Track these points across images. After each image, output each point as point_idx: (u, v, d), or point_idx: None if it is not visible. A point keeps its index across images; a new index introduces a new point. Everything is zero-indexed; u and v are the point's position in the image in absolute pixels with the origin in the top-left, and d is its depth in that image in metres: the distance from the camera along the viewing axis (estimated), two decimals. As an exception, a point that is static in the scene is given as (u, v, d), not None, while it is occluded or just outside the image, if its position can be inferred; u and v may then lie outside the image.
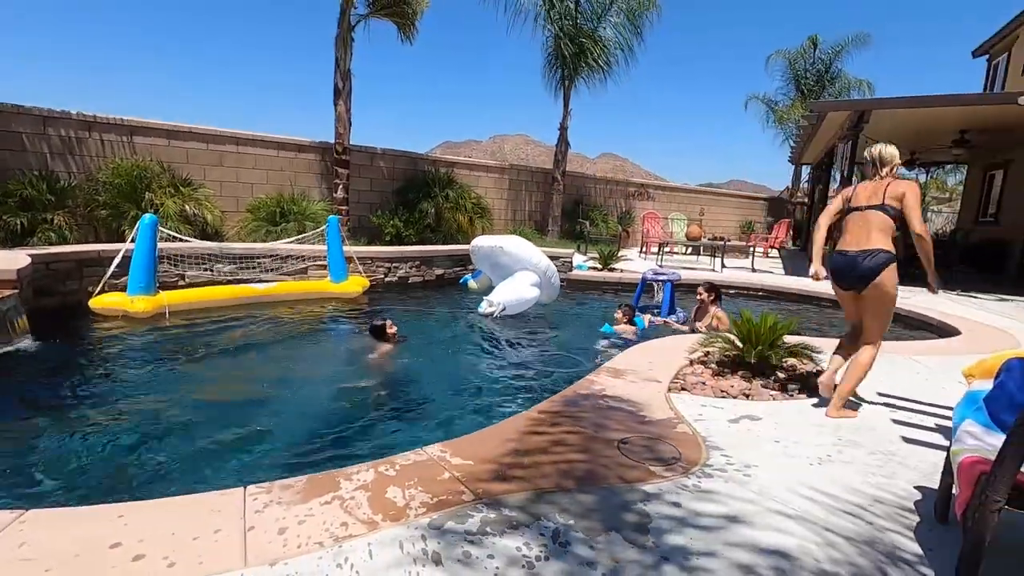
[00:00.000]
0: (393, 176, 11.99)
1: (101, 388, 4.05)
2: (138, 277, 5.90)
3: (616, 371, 3.78)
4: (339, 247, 7.49)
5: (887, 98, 10.20)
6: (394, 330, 5.37)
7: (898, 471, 2.52)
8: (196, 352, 4.95)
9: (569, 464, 2.39)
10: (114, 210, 7.89)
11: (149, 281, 5.96)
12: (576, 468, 2.35)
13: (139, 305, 5.79)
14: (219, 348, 5.13)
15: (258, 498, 2.00)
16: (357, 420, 3.67)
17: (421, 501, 2.03)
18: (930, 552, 1.90)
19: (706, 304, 6.17)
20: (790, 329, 3.97)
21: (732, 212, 21.93)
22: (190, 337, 5.41)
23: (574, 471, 2.33)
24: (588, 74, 13.64)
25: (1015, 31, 14.62)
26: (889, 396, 3.59)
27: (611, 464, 2.41)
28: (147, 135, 8.83)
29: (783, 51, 21.94)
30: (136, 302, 5.79)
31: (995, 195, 14.08)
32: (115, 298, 5.86)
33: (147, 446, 3.13)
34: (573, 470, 2.33)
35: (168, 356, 4.83)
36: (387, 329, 5.32)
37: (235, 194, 9.82)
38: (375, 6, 10.65)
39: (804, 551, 1.85)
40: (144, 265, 5.93)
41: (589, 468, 2.36)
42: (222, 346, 5.20)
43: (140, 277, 5.91)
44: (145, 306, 5.81)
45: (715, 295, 6.15)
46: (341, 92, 10.22)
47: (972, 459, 1.72)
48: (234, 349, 5.18)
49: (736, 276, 10.31)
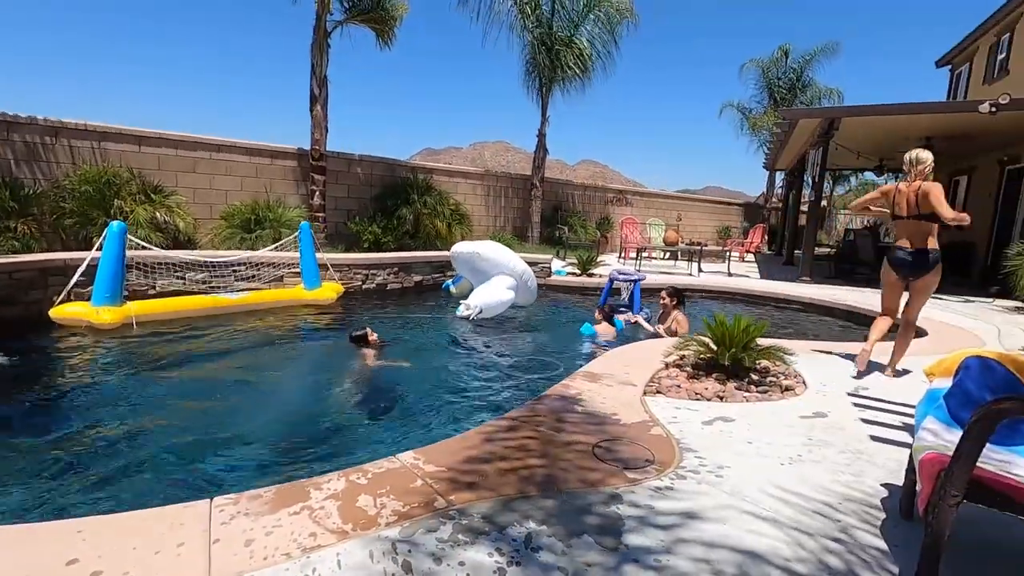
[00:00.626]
0: (371, 182, 11.91)
1: (63, 401, 3.93)
2: (104, 286, 5.64)
3: (592, 375, 3.79)
4: (312, 254, 7.40)
5: (856, 106, 10.48)
6: (375, 336, 5.34)
7: (866, 469, 2.56)
8: (164, 364, 4.82)
9: (541, 469, 2.38)
10: (82, 217, 7.70)
11: (115, 291, 5.73)
12: (548, 473, 2.35)
13: (105, 316, 5.55)
14: (188, 359, 5.01)
15: (225, 510, 1.95)
16: (333, 428, 3.63)
17: (392, 509, 2.00)
18: (896, 548, 1.94)
19: (668, 308, 6.31)
20: (762, 332, 4.03)
21: (709, 218, 22.26)
22: (157, 348, 5.26)
23: (546, 476, 2.32)
24: (564, 81, 13.76)
25: (975, 42, 15.17)
26: (858, 396, 3.66)
27: (584, 468, 2.41)
28: (117, 141, 8.64)
29: (756, 60, 22.41)
30: (102, 312, 5.56)
31: (960, 200, 14.54)
32: (78, 308, 5.63)
33: (111, 461, 3.03)
34: (545, 475, 2.33)
35: (134, 368, 4.69)
36: (368, 336, 5.29)
37: (209, 201, 9.65)
38: (352, 12, 10.61)
39: (774, 550, 1.87)
40: (111, 274, 5.68)
41: (562, 473, 2.36)
42: (191, 357, 5.08)
43: (106, 286, 5.65)
44: (111, 317, 5.58)
45: (677, 300, 6.30)
46: (317, 98, 10.15)
47: (932, 456, 1.75)
48: (203, 360, 5.06)
49: (712, 280, 10.45)
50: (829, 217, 28.42)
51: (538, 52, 13.31)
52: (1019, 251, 8.04)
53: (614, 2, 13.25)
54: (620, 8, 13.33)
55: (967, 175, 14.00)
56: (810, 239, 11.28)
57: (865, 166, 16.85)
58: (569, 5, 13.44)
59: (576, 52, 13.37)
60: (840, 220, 29.39)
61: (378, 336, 5.40)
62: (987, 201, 12.51)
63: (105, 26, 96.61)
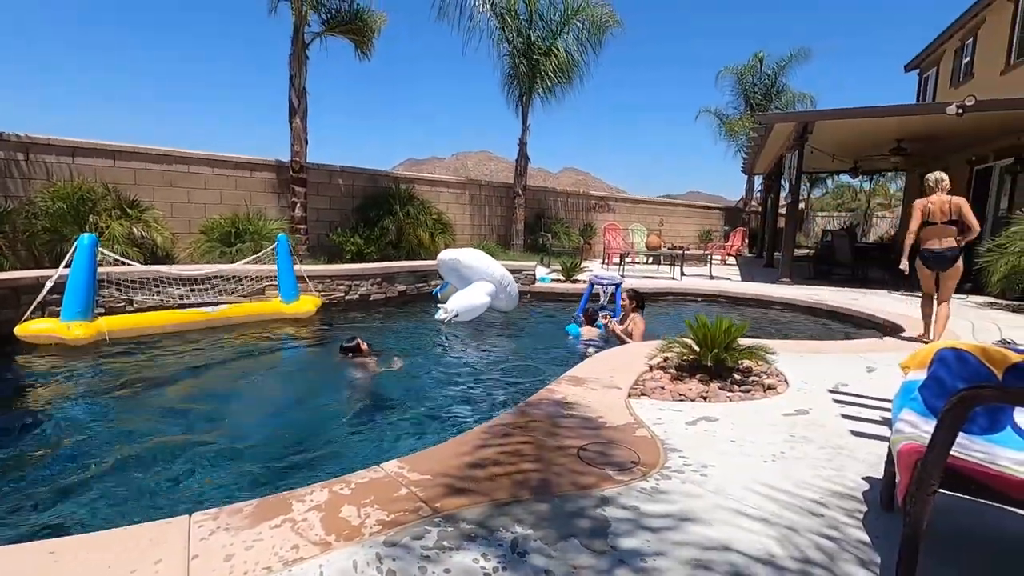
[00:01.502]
0: (353, 193, 11.86)
1: (33, 419, 3.82)
2: (74, 300, 5.42)
3: (577, 379, 3.79)
4: (289, 266, 7.30)
5: (828, 109, 10.72)
6: (365, 346, 5.33)
7: (847, 464, 2.60)
8: (137, 379, 4.70)
9: (527, 474, 2.37)
10: (55, 234, 7.54)
11: (87, 305, 5.52)
12: (534, 477, 2.34)
13: (76, 331, 5.33)
14: (163, 374, 4.89)
15: (204, 525, 1.91)
16: (318, 440, 3.59)
17: (377, 519, 1.98)
18: (877, 539, 1.96)
19: (627, 310, 6.49)
20: (744, 332, 4.08)
21: (690, 222, 22.52)
22: (130, 364, 5.13)
23: (532, 480, 2.31)
24: (544, 91, 13.87)
25: (941, 47, 15.63)
26: (838, 392, 3.71)
27: (569, 471, 2.40)
28: (90, 156, 8.50)
29: (732, 67, 22.84)
30: (73, 328, 5.34)
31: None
32: (46, 324, 5.39)
33: (83, 479, 2.96)
34: (531, 479, 2.32)
35: (106, 383, 4.57)
36: (360, 346, 5.27)
37: (187, 215, 9.53)
38: (330, 24, 10.61)
39: (760, 546, 1.88)
40: (81, 287, 5.46)
41: (547, 477, 2.35)
42: (166, 372, 4.96)
43: (77, 300, 5.43)
44: (83, 332, 5.36)
45: (637, 303, 6.48)
46: (296, 110, 10.10)
47: (909, 446, 1.78)
48: (179, 375, 4.93)
49: (695, 284, 10.56)
50: (807, 219, 28.93)
51: (518, 62, 13.42)
52: (990, 248, 8.25)
53: (594, 12, 13.42)
54: (601, 18, 13.48)
55: (938, 175, 14.34)
56: (789, 241, 11.47)
57: (841, 168, 17.22)
58: (547, 15, 13.59)
59: (555, 61, 13.50)
60: (818, 222, 29.94)
61: (368, 345, 5.37)
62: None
63: (72, 37, 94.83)
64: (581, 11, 13.40)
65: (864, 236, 25.70)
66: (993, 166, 11.44)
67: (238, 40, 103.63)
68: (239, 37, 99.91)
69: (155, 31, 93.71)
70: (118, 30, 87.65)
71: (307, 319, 7.30)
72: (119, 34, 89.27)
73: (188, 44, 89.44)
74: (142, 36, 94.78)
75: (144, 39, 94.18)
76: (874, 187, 30.64)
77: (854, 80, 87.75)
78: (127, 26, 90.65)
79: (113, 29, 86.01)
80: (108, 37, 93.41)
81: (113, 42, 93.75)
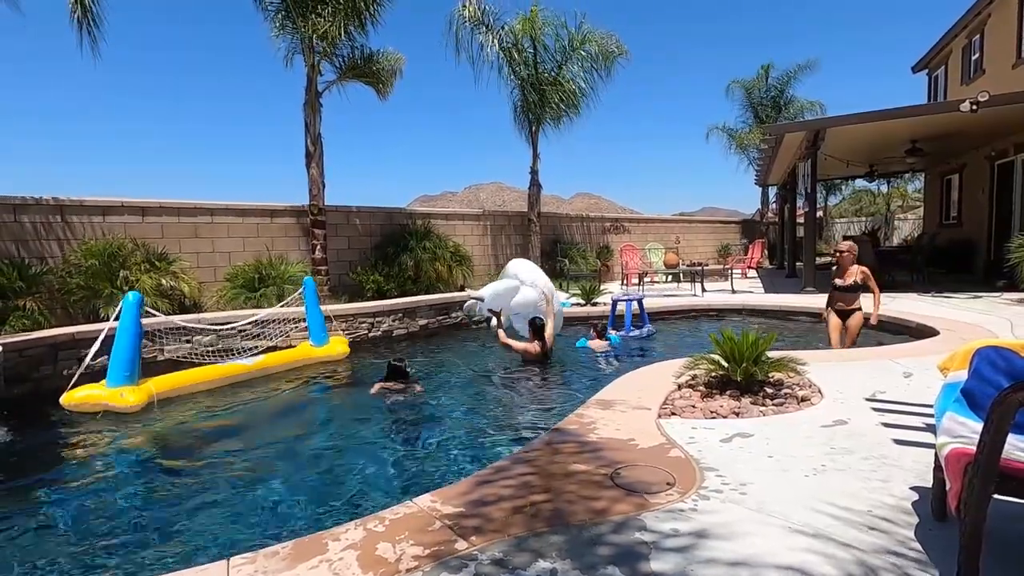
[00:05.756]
0: (370, 232, 12.08)
1: (74, 473, 3.89)
2: (122, 365, 5.17)
3: (605, 402, 3.74)
4: (317, 309, 7.32)
5: (839, 116, 10.65)
6: (411, 371, 5.52)
7: (893, 474, 2.50)
8: (180, 437, 4.70)
9: (563, 501, 2.33)
10: (89, 291, 7.79)
11: (134, 368, 5.28)
12: (569, 505, 2.30)
13: (128, 398, 5.07)
14: (204, 431, 4.83)
15: (242, 570, 1.91)
16: (350, 475, 3.61)
17: (413, 555, 1.96)
18: (933, 551, 1.88)
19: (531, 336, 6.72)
20: (771, 343, 4.00)
21: (707, 237, 22.36)
22: (170, 423, 5.04)
23: (566, 509, 2.27)
24: (553, 119, 14.08)
25: (947, 46, 15.55)
26: (876, 401, 3.60)
27: (606, 497, 2.36)
28: (120, 214, 8.84)
29: (740, 80, 22.94)
30: (125, 395, 5.09)
31: (954, 198, 14.61)
32: (95, 391, 5.14)
33: (121, 531, 2.99)
34: (565, 508, 2.28)
35: (149, 443, 4.56)
36: (406, 369, 5.51)
37: (212, 264, 9.78)
38: (344, 71, 10.99)
39: (809, 564, 1.81)
40: (128, 350, 5.23)
41: (584, 503, 2.31)
42: (206, 429, 4.89)
43: (124, 365, 5.18)
44: (136, 399, 5.10)
45: (532, 331, 6.62)
46: (313, 155, 10.40)
47: (957, 450, 1.72)
48: (211, 429, 4.88)
49: (717, 299, 10.44)
50: (826, 227, 28.51)
51: (528, 92, 13.70)
52: (1020, 243, 8.02)
53: (601, 42, 13.68)
54: (607, 48, 13.74)
55: (958, 173, 14.11)
56: (809, 250, 11.30)
57: (856, 173, 17.01)
58: (552, 47, 13.90)
59: (562, 91, 13.73)
60: (837, 228, 29.47)
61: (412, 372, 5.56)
62: (981, 196, 12.56)
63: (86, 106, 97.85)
64: (587, 41, 13.68)
65: (887, 239, 25.19)
66: (1014, 160, 11.20)
67: (253, 90, 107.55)
68: (254, 87, 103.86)
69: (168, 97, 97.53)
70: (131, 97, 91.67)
71: (339, 361, 7.24)
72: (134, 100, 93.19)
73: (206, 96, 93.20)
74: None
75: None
76: (892, 190, 30.17)
77: (864, 84, 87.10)
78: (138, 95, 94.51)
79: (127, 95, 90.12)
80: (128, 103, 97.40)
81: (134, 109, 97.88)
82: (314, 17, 9.49)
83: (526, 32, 13.23)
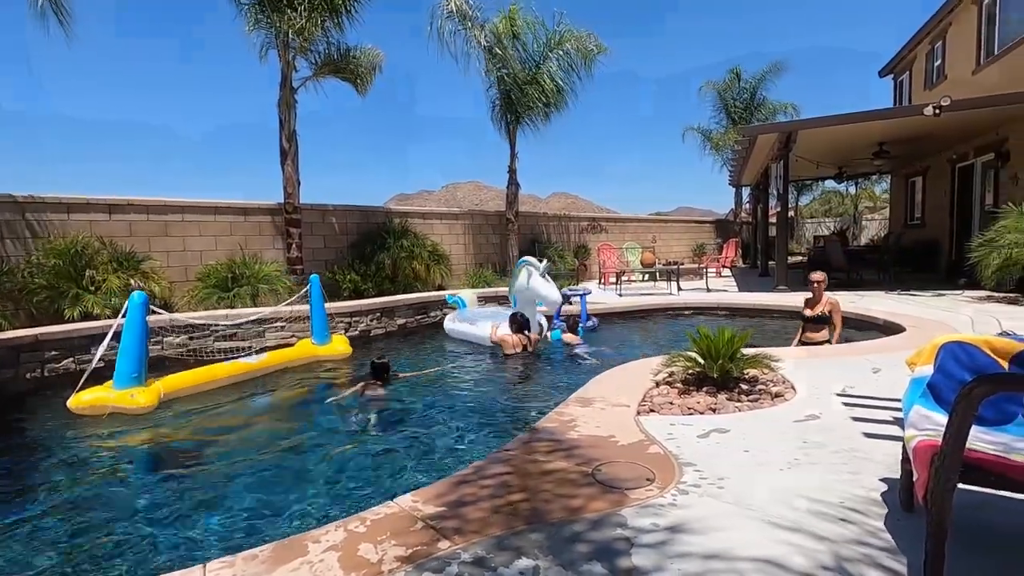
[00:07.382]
0: (346, 231, 11.93)
1: (52, 476, 3.77)
2: (130, 365, 5.08)
3: (585, 400, 3.78)
4: (322, 307, 7.24)
5: (810, 119, 10.92)
6: (394, 370, 5.52)
7: (863, 466, 2.58)
8: (171, 434, 4.63)
9: (543, 499, 2.35)
10: (52, 291, 7.54)
11: (141, 369, 5.18)
12: (550, 502, 2.32)
13: (139, 399, 4.98)
14: (169, 430, 4.76)
15: (220, 573, 1.88)
16: (331, 476, 3.59)
17: (395, 555, 1.95)
18: (901, 540, 1.94)
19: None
20: (746, 341, 4.09)
21: (683, 237, 22.67)
22: (161, 423, 4.93)
23: (547, 506, 2.29)
24: (530, 117, 14.11)
25: (912, 51, 16.04)
26: (846, 396, 3.71)
27: (585, 494, 2.38)
28: (86, 211, 8.56)
29: (712, 82, 23.26)
30: (136, 396, 5.00)
31: (918, 199, 15.11)
32: (103, 394, 5.00)
33: (97, 534, 2.91)
34: (546, 505, 2.30)
35: (126, 437, 4.51)
36: (390, 368, 5.48)
37: (184, 263, 9.54)
38: (320, 68, 10.83)
39: (785, 555, 1.86)
40: (136, 350, 5.14)
41: (563, 501, 2.33)
42: (209, 429, 4.85)
43: (132, 365, 5.09)
44: (147, 399, 5.01)
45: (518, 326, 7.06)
46: (287, 153, 10.23)
47: (924, 443, 1.78)
48: (213, 431, 4.83)
49: (692, 297, 10.60)
50: (797, 226, 29.18)
51: (507, 90, 13.71)
52: (980, 243, 8.34)
53: (579, 41, 13.75)
54: (586, 47, 13.81)
55: (922, 175, 14.59)
56: (782, 250, 11.56)
57: (825, 174, 17.45)
58: (531, 46, 13.93)
59: (540, 89, 13.77)
60: (808, 228, 30.20)
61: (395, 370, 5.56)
62: (943, 198, 13.02)
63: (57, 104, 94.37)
64: (564, 40, 13.74)
65: (855, 239, 25.91)
66: (974, 163, 11.64)
67: (231, 84, 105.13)
68: (232, 81, 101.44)
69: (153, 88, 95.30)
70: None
71: (341, 360, 7.17)
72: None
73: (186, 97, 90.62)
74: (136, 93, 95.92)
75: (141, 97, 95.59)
76: (860, 191, 31.05)
77: (832, 87, 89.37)
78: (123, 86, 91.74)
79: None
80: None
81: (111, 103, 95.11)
82: (290, 12, 9.34)
83: (506, 30, 13.24)
